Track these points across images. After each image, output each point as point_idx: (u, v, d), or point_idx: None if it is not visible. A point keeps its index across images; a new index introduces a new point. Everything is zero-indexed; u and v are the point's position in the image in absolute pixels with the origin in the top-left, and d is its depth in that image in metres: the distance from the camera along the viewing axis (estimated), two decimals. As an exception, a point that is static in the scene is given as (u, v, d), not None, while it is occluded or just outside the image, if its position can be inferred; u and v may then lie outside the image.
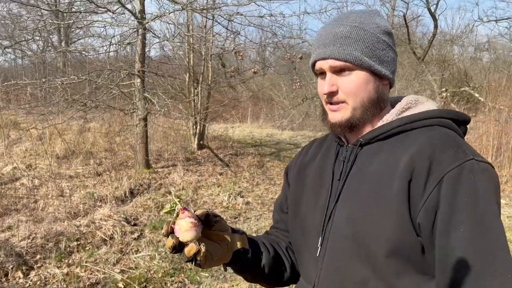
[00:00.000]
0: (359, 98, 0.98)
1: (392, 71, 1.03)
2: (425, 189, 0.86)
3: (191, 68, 9.04)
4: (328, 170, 1.08)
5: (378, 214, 0.91)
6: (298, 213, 1.13)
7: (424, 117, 0.98)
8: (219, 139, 11.23)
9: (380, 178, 0.94)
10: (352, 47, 0.96)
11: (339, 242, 0.98)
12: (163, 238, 3.87)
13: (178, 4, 6.50)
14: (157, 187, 6.57)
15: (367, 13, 1.02)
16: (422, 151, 0.90)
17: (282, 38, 9.64)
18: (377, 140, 1.00)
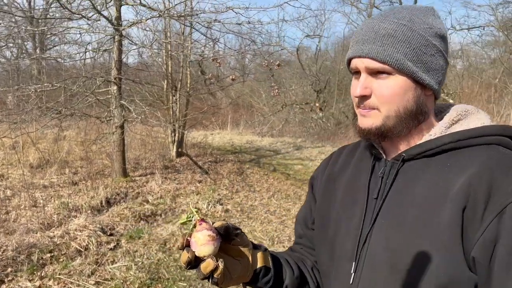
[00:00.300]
0: (394, 107, 0.86)
1: (438, 81, 0.89)
2: (483, 219, 0.74)
3: (169, 75, 8.98)
4: (363, 186, 0.95)
5: (424, 245, 0.79)
6: (326, 232, 1.01)
7: (480, 133, 0.84)
8: (199, 147, 11.16)
9: (427, 202, 0.81)
10: (395, 48, 0.84)
11: (377, 271, 0.86)
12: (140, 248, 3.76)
13: (155, 11, 6.46)
14: (134, 196, 6.47)
15: (420, 10, 0.88)
16: (480, 174, 0.77)
17: (261, 45, 9.69)
18: (423, 157, 0.87)
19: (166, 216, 5.70)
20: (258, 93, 18.66)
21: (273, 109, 16.58)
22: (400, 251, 0.82)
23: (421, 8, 0.89)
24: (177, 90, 8.94)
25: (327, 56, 19.48)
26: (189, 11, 7.44)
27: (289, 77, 18.37)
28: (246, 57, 20.97)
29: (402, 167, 0.89)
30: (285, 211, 6.16)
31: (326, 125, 15.93)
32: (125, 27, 6.70)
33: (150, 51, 7.27)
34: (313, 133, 15.68)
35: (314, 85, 16.67)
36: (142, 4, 6.47)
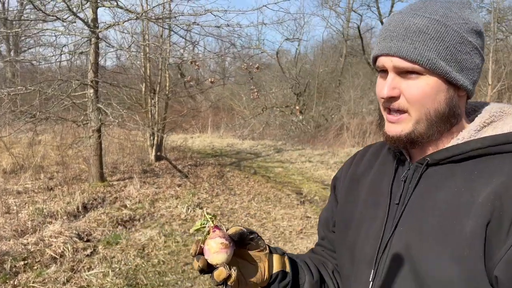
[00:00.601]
0: (424, 109, 0.80)
1: (473, 81, 0.82)
2: (508, 235, 0.68)
3: (147, 77, 8.89)
4: (385, 190, 0.91)
5: (445, 255, 0.74)
6: (347, 236, 0.97)
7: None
8: (178, 150, 11.07)
9: (450, 211, 0.76)
10: (427, 46, 0.77)
11: (396, 279, 0.82)
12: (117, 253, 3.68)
13: (133, 13, 6.39)
14: (112, 201, 6.36)
15: (455, 3, 0.80)
16: (508, 186, 0.71)
17: (240, 48, 9.70)
18: (449, 162, 0.81)
19: (144, 221, 5.62)
20: (239, 96, 18.67)
21: (254, 112, 16.61)
22: (420, 258, 0.78)
23: (456, 1, 0.81)
24: (156, 93, 8.85)
25: (306, 60, 19.66)
26: (167, 13, 7.38)
27: (269, 80, 18.44)
28: (226, 60, 20.96)
29: (425, 172, 0.84)
30: (265, 214, 6.15)
31: (306, 127, 16.03)
32: (102, 29, 6.60)
33: (128, 54, 7.17)
34: (293, 136, 15.76)
35: (294, 88, 16.77)
36: (119, 6, 6.38)
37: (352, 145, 12.41)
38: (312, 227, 5.58)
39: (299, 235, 5.25)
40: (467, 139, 0.81)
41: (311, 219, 5.91)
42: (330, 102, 16.73)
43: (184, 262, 4.35)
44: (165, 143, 10.18)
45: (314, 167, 10.11)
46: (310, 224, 5.68)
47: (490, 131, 0.81)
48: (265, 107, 15.71)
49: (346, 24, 18.04)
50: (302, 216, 6.04)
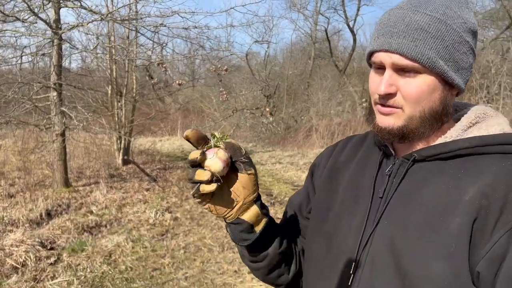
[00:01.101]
0: (419, 107, 0.80)
1: (466, 80, 0.83)
2: (493, 233, 0.69)
3: (113, 80, 8.69)
4: (368, 183, 0.90)
5: (430, 250, 0.75)
6: (323, 226, 0.96)
7: (500, 141, 0.78)
8: (146, 154, 10.89)
9: (436, 208, 0.77)
10: (427, 45, 0.76)
11: (378, 273, 0.81)
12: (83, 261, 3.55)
13: (97, 14, 6.23)
14: (77, 207, 6.17)
15: (454, 1, 0.80)
16: (495, 186, 0.72)
17: (210, 50, 9.65)
18: (436, 159, 0.82)
19: (111, 227, 5.48)
20: (209, 98, 18.57)
21: (224, 114, 16.56)
22: (404, 253, 0.77)
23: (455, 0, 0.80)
24: (123, 96, 8.67)
25: (276, 62, 19.79)
26: (133, 14, 7.26)
27: (239, 82, 18.45)
28: (195, 62, 20.81)
29: (411, 168, 0.84)
30: (235, 216, 6.14)
31: (276, 129, 16.13)
32: (65, 30, 6.41)
33: (93, 56, 7.00)
34: (264, 138, 15.82)
35: (264, 90, 16.85)
36: (83, 7, 6.22)
37: (321, 146, 12.58)
38: (282, 228, 5.61)
39: (269, 237, 5.27)
40: (455, 138, 0.82)
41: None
42: (300, 104, 16.89)
43: (153, 268, 4.27)
44: (133, 146, 9.99)
45: (284, 168, 10.18)
46: (280, 226, 5.71)
47: (475, 132, 0.82)
48: (235, 109, 15.70)
49: (314, 27, 18.30)
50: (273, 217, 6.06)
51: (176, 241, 5.03)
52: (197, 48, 9.96)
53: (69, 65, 12.62)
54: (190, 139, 0.84)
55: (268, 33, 19.00)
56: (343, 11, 16.72)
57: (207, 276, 4.14)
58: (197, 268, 4.28)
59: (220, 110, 17.58)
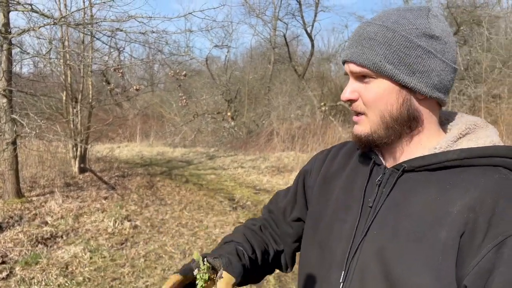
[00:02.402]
0: (377, 111, 0.84)
1: (430, 84, 0.82)
2: (481, 247, 0.69)
3: (68, 85, 8.42)
4: (358, 192, 0.92)
5: (418, 261, 0.75)
6: (316, 237, 0.98)
7: (488, 154, 0.79)
8: (104, 161, 10.60)
9: (425, 219, 0.77)
10: (373, 51, 0.81)
11: (367, 282, 0.82)
12: (37, 274, 3.44)
13: (49, 18, 6.03)
14: (31, 218, 5.92)
15: (412, 11, 0.83)
16: (482, 199, 0.73)
17: (169, 55, 9.56)
18: (425, 170, 0.83)
19: (68, 238, 5.30)
20: (169, 103, 18.34)
21: (185, 119, 16.41)
22: (392, 263, 0.78)
23: (414, 9, 0.84)
24: (78, 102, 8.42)
25: (236, 66, 19.86)
26: (88, 19, 7.07)
27: (200, 87, 18.34)
28: (154, 66, 20.51)
29: (401, 177, 0.85)
30: (198, 222, 6.11)
31: (238, 133, 16.17)
32: (15, 34, 6.15)
33: (45, 61, 6.75)
34: (226, 142, 15.81)
35: (225, 94, 16.86)
36: (34, 10, 5.99)
37: (282, 149, 12.73)
38: (244, 232, 5.64)
39: (231, 242, 5.28)
40: (444, 149, 0.82)
41: (243, 225, 5.97)
42: (261, 108, 17.02)
43: (112, 278, 4.17)
44: (90, 154, 9.70)
45: (246, 173, 10.22)
46: (242, 230, 5.73)
47: (465, 143, 0.83)
48: (196, 114, 15.60)
49: (273, 32, 18.54)
50: (235, 222, 6.08)
51: (136, 250, 4.94)
52: (156, 52, 9.84)
53: (20, 70, 12.08)
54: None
55: (228, 37, 19.05)
56: (300, 17, 17.04)
57: (169, 283, 4.09)
58: (158, 276, 4.23)
59: (181, 115, 17.41)
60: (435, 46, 0.81)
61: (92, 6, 7.05)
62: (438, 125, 0.88)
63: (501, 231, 0.69)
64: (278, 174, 9.78)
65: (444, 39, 0.82)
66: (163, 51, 8.80)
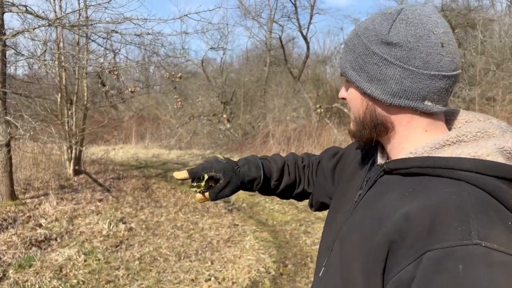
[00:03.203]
0: (352, 113, 0.91)
1: (389, 91, 0.80)
2: (404, 258, 0.68)
3: (63, 87, 8.38)
4: (355, 185, 0.99)
5: (355, 263, 0.78)
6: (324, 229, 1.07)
7: (450, 166, 0.73)
8: (99, 163, 10.55)
9: (374, 221, 0.78)
10: (345, 57, 0.86)
11: (331, 268, 0.88)
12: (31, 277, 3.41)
13: (44, 20, 6.01)
14: (25, 220, 5.88)
15: (384, 14, 0.82)
16: (419, 211, 0.70)
17: (164, 57, 9.55)
18: (398, 174, 0.82)
19: (62, 240, 5.27)
20: (164, 105, 18.30)
21: (180, 121, 16.38)
22: (344, 256, 0.84)
23: (386, 13, 0.81)
24: (73, 104, 8.38)
25: (232, 69, 19.86)
26: (83, 21, 7.05)
27: (195, 89, 18.32)
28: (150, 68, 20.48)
29: (381, 178, 0.86)
30: (193, 224, 6.09)
31: (234, 136, 16.16)
32: (9, 36, 6.12)
33: (40, 62, 6.72)
34: (222, 144, 15.79)
35: (221, 96, 16.85)
36: (29, 11, 5.97)
37: (277, 151, 12.73)
38: (239, 234, 5.63)
39: (226, 244, 5.27)
40: (420, 155, 0.79)
41: (239, 227, 5.96)
42: (256, 110, 17.03)
43: (106, 280, 4.15)
44: (85, 156, 9.66)
45: (242, 175, 10.20)
46: (238, 232, 5.73)
47: (448, 151, 0.77)
48: (192, 116, 15.57)
49: (268, 34, 18.56)
50: (230, 224, 6.07)
51: (131, 252, 4.92)
52: (151, 54, 9.82)
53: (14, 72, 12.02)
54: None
55: (224, 40, 19.06)
56: (296, 19, 17.09)
57: (164, 286, 4.08)
58: (152, 279, 4.21)
59: (177, 117, 17.37)
60: (394, 53, 0.78)
61: (88, 8, 7.03)
62: (424, 130, 0.83)
63: (423, 245, 0.65)
64: (273, 176, 9.77)
65: (407, 45, 0.77)
66: (159, 53, 8.78)
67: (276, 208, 7.01)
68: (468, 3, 13.36)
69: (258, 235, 5.57)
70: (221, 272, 4.38)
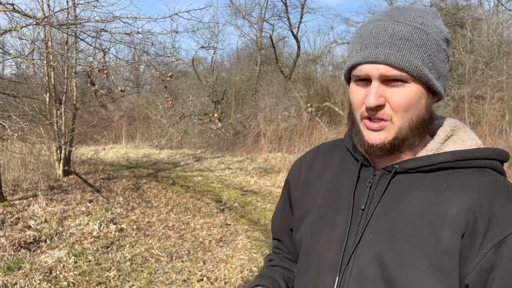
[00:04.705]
0: (408, 116, 0.80)
1: (445, 87, 0.84)
2: (481, 247, 0.71)
3: (52, 87, 8.27)
4: (347, 194, 0.89)
5: (421, 265, 0.75)
6: (302, 243, 0.96)
7: (477, 156, 0.81)
8: (89, 163, 10.45)
9: (423, 221, 0.77)
10: (413, 54, 0.76)
11: (367, 286, 0.80)
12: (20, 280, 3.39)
13: (32, 18, 5.92)
14: (13, 222, 5.80)
15: (428, 13, 0.81)
16: (480, 201, 0.75)
17: (155, 56, 9.48)
18: (417, 172, 0.82)
19: (51, 242, 5.20)
20: (155, 104, 18.18)
21: (171, 120, 16.29)
22: (394, 267, 0.77)
23: (427, 10, 0.82)
24: (62, 103, 8.28)
25: (223, 68, 19.79)
26: (72, 19, 6.97)
27: (186, 88, 18.22)
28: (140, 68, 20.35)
29: (393, 179, 0.84)
30: (184, 224, 6.06)
31: (225, 135, 16.12)
32: (-4, 35, 6.02)
33: (28, 62, 6.63)
34: (213, 144, 15.74)
35: (212, 96, 16.79)
36: (16, 10, 5.88)
37: (269, 150, 12.73)
38: (231, 234, 5.61)
39: (218, 243, 5.25)
40: (435, 151, 0.83)
41: (231, 226, 5.94)
42: (248, 109, 17.00)
43: (97, 282, 4.11)
44: (74, 156, 9.55)
45: (234, 174, 10.19)
46: (230, 231, 5.71)
47: (451, 145, 0.84)
48: (183, 115, 15.50)
49: (259, 33, 18.54)
50: (222, 224, 6.05)
51: (122, 253, 4.88)
52: (141, 54, 9.75)
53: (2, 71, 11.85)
54: None
55: (214, 39, 19.02)
56: (287, 18, 17.09)
57: (155, 287, 4.05)
58: (144, 280, 4.18)
59: (167, 117, 17.27)
60: (449, 51, 0.84)
61: (76, 6, 6.95)
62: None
63: (499, 231, 0.71)
64: (265, 175, 9.77)
65: (450, 43, 0.85)
66: (149, 52, 8.71)
67: (268, 207, 7.00)
68: (457, 2, 13.49)
69: (250, 235, 5.55)
70: (213, 272, 4.36)
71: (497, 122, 9.83)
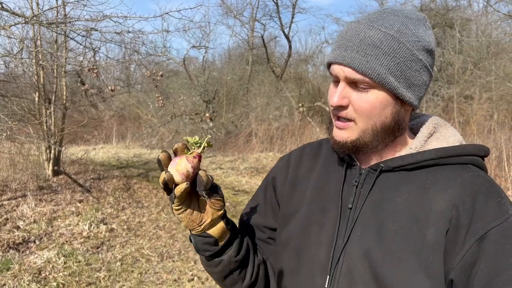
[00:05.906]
0: (371, 122, 0.81)
1: (419, 97, 0.84)
2: (464, 242, 0.73)
3: (41, 86, 8.19)
4: (334, 194, 0.90)
5: (406, 262, 0.76)
6: (290, 243, 0.95)
7: (460, 153, 0.83)
8: (79, 163, 10.36)
9: (408, 218, 0.79)
10: (378, 61, 0.77)
11: (356, 284, 0.80)
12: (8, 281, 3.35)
13: (20, 17, 5.86)
14: (2, 223, 5.74)
15: (411, 19, 0.81)
16: (463, 197, 0.77)
17: (145, 55, 9.42)
18: (402, 170, 0.84)
19: (41, 242, 5.16)
20: (146, 104, 18.08)
21: (162, 120, 16.21)
22: (382, 265, 0.78)
23: (412, 16, 0.81)
24: (51, 103, 8.20)
25: (214, 67, 19.76)
26: (61, 18, 6.90)
27: (177, 88, 18.15)
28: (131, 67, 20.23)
29: (379, 178, 0.86)
30: (175, 224, 6.04)
31: (217, 135, 16.09)
32: (-17, 33, 5.95)
33: (17, 61, 6.55)
34: (204, 143, 15.67)
35: (203, 95, 16.75)
36: (4, 8, 5.81)
37: (260, 150, 12.74)
38: (222, 234, 5.61)
39: (209, 243, 5.24)
40: (419, 149, 0.85)
41: (222, 226, 5.93)
42: (239, 109, 16.99)
43: (87, 282, 4.08)
44: (64, 156, 9.46)
45: (225, 174, 10.18)
46: (221, 231, 5.70)
47: (434, 142, 0.86)
48: (174, 115, 15.43)
49: (250, 33, 18.55)
50: (213, 224, 6.04)
51: (112, 253, 4.85)
52: (132, 53, 9.70)
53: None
54: (163, 161, 0.85)
55: (206, 38, 18.96)
56: (278, 18, 17.13)
57: (146, 287, 4.03)
58: (135, 280, 4.16)
59: (158, 116, 17.19)
60: (430, 61, 0.83)
61: (66, 5, 6.88)
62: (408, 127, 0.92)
63: (481, 226, 0.73)
64: (257, 175, 9.79)
65: (434, 52, 0.84)
66: (140, 51, 8.65)
67: (259, 207, 7.01)
68: (446, 3, 13.63)
69: (242, 234, 5.56)
70: (204, 272, 4.35)
71: (485, 121, 9.96)
